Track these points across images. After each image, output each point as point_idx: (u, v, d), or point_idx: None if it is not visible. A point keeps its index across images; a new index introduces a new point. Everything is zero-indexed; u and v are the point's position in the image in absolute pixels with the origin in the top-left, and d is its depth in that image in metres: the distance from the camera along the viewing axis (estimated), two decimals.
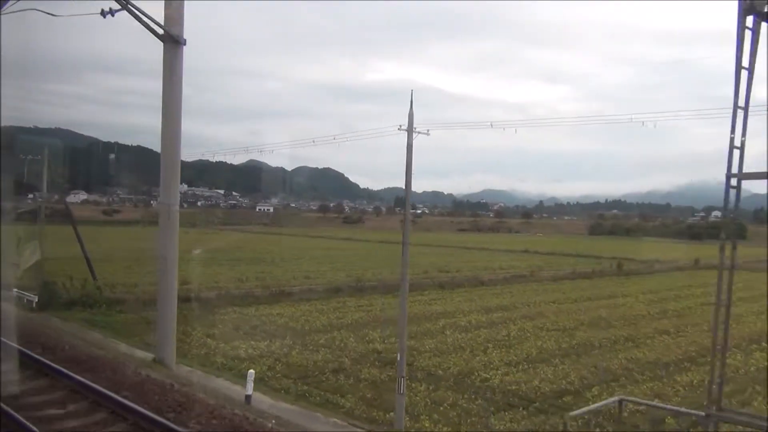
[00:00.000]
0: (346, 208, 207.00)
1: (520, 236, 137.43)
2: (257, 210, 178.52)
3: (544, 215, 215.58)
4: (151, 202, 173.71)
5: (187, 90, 16.04)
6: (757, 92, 9.40)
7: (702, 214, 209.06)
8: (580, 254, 72.53)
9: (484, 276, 46.39)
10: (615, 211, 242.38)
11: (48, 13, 15.07)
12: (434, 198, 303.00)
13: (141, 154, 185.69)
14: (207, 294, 31.71)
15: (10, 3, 14.85)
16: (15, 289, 28.55)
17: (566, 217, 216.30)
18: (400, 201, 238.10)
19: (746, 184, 9.39)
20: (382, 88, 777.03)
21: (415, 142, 13.13)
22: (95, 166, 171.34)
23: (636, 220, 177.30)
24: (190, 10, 15.36)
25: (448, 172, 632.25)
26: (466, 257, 66.39)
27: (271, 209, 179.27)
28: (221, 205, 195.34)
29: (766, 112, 10.00)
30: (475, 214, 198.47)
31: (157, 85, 15.53)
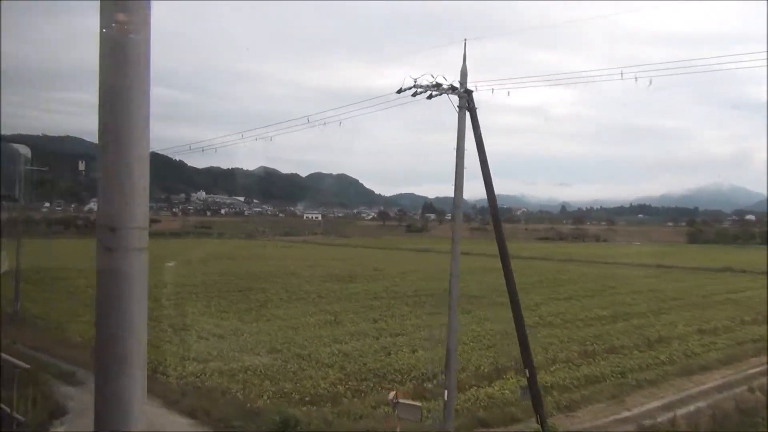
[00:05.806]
0: (410, 216, 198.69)
1: (614, 246, 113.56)
2: (305, 218, 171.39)
3: (569, 221, 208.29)
4: (188, 209, 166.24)
5: (188, 95, 11.18)
6: None
7: (734, 218, 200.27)
8: None
9: None
10: (641, 215, 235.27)
11: None
12: (448, 204, 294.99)
13: (155, 160, 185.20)
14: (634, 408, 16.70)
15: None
16: None
17: (602, 223, 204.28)
18: (428, 207, 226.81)
19: (756, 187, 4.74)
20: (391, 94, 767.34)
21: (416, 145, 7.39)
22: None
23: (726, 225, 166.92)
24: (193, 13, 10.18)
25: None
26: (711, 285, 47.98)
27: (320, 217, 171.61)
28: (246, 212, 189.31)
29: None
30: (556, 222, 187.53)
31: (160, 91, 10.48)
